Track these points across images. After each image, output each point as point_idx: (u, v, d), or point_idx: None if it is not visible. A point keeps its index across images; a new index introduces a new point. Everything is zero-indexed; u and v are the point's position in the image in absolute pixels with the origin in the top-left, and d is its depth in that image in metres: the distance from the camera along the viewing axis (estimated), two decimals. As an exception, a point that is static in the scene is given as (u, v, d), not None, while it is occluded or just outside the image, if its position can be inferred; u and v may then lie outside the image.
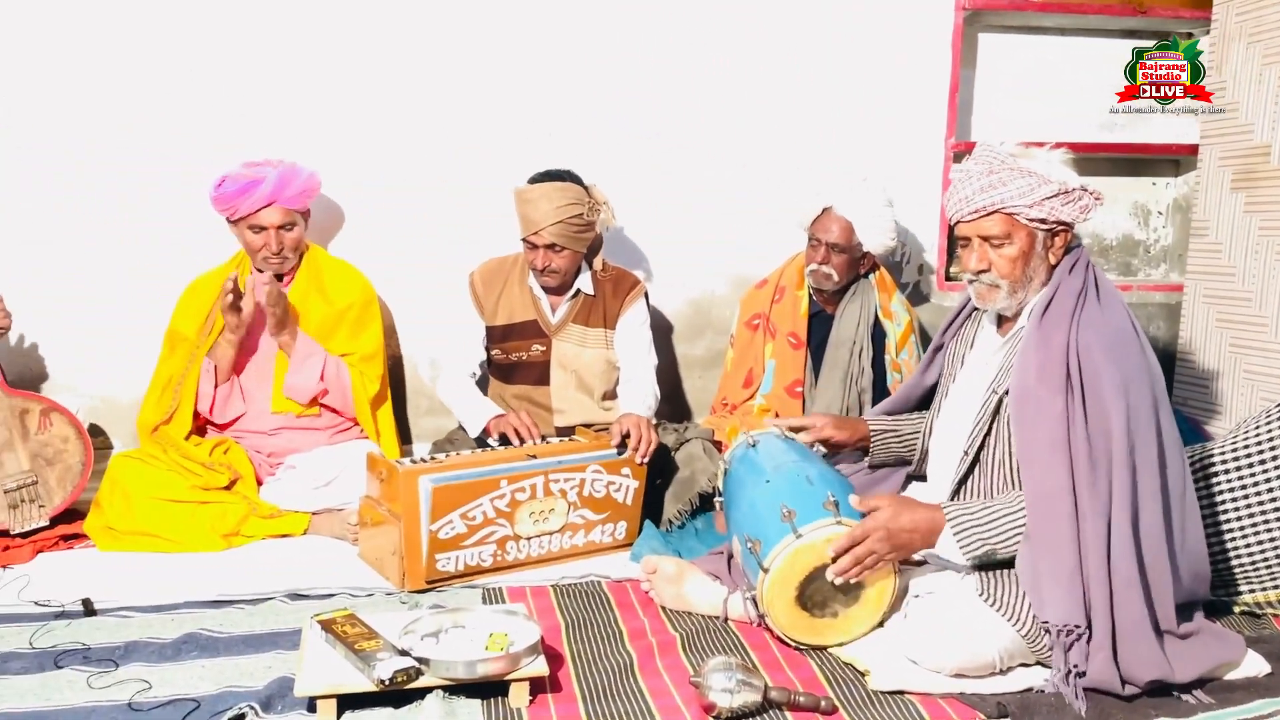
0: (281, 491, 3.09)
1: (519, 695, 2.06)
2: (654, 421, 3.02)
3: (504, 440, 3.02)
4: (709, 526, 3.02)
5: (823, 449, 2.60)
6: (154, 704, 2.05)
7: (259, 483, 3.14)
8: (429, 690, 2.04)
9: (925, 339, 3.60)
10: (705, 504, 3.04)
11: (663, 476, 3.05)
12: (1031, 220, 2.23)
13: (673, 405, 3.76)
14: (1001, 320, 2.39)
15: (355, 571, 2.78)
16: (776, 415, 3.25)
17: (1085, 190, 2.24)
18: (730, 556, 2.52)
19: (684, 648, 2.30)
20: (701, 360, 3.87)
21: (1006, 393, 2.25)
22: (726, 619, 2.44)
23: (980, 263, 2.29)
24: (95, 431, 3.46)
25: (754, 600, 2.28)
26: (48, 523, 2.94)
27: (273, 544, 2.97)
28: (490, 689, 2.07)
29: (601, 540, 2.86)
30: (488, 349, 3.32)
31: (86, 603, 2.53)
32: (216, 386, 3.18)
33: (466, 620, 2.24)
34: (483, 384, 3.38)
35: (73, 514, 3.02)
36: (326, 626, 2.17)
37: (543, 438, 2.98)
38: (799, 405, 3.30)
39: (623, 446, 2.86)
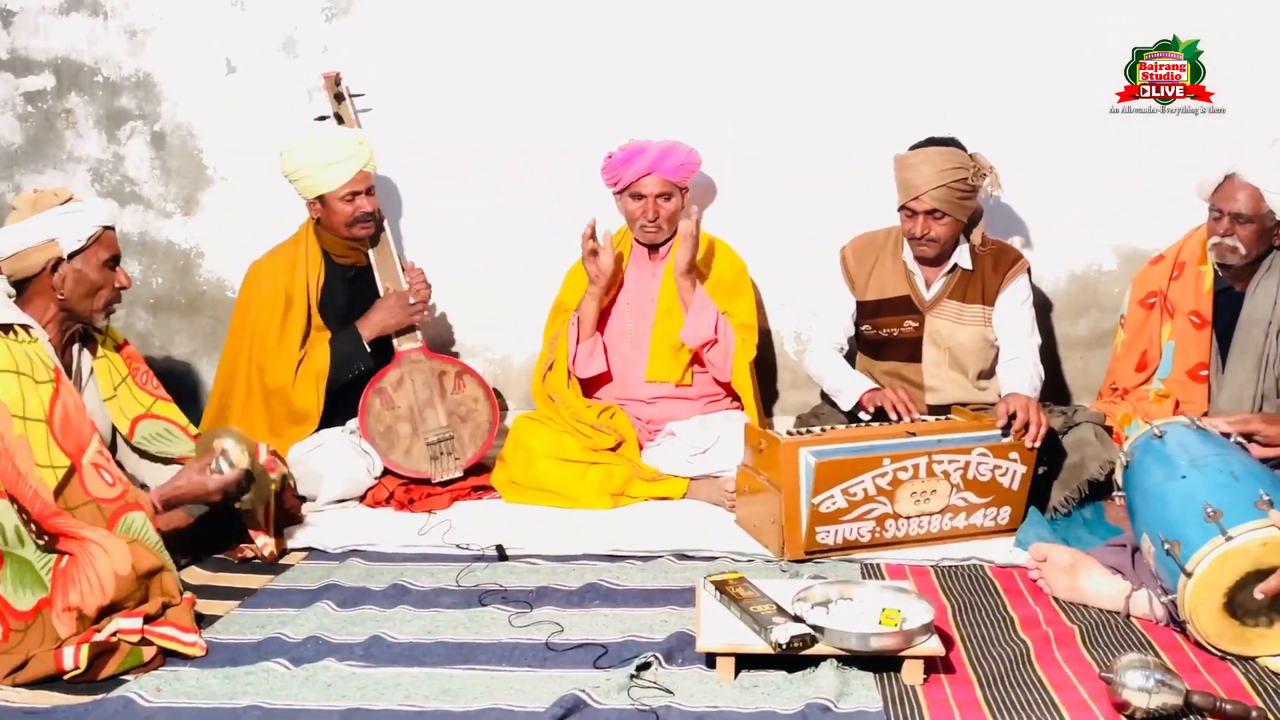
0: (661, 456, 3.24)
1: (913, 672, 2.05)
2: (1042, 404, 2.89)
3: (879, 415, 3.00)
4: (1099, 516, 2.86)
5: (1243, 443, 2.37)
6: (567, 646, 2.23)
7: (640, 447, 3.32)
8: (821, 658, 2.07)
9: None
10: (1094, 492, 2.88)
11: (1048, 461, 2.91)
12: None
13: (1052, 388, 3.56)
14: None
15: (734, 536, 2.87)
16: (1177, 404, 3.00)
17: None
18: (1134, 550, 2.37)
19: (1084, 641, 2.19)
20: (1084, 340, 3.65)
21: None
22: (1128, 615, 2.30)
23: None
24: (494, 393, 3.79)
25: (1171, 604, 2.13)
26: (461, 474, 3.26)
27: (654, 506, 3.13)
28: (881, 663, 2.08)
29: (983, 524, 2.78)
30: (857, 324, 3.31)
31: (499, 549, 2.79)
32: (578, 341, 3.35)
33: (855, 593, 2.25)
34: (849, 359, 3.37)
35: (480, 468, 3.33)
36: (720, 587, 2.26)
37: (913, 416, 2.94)
38: (1203, 390, 3.03)
39: (1007, 428, 2.76)
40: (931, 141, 3.08)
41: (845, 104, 3.59)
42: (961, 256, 3.16)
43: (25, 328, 2.37)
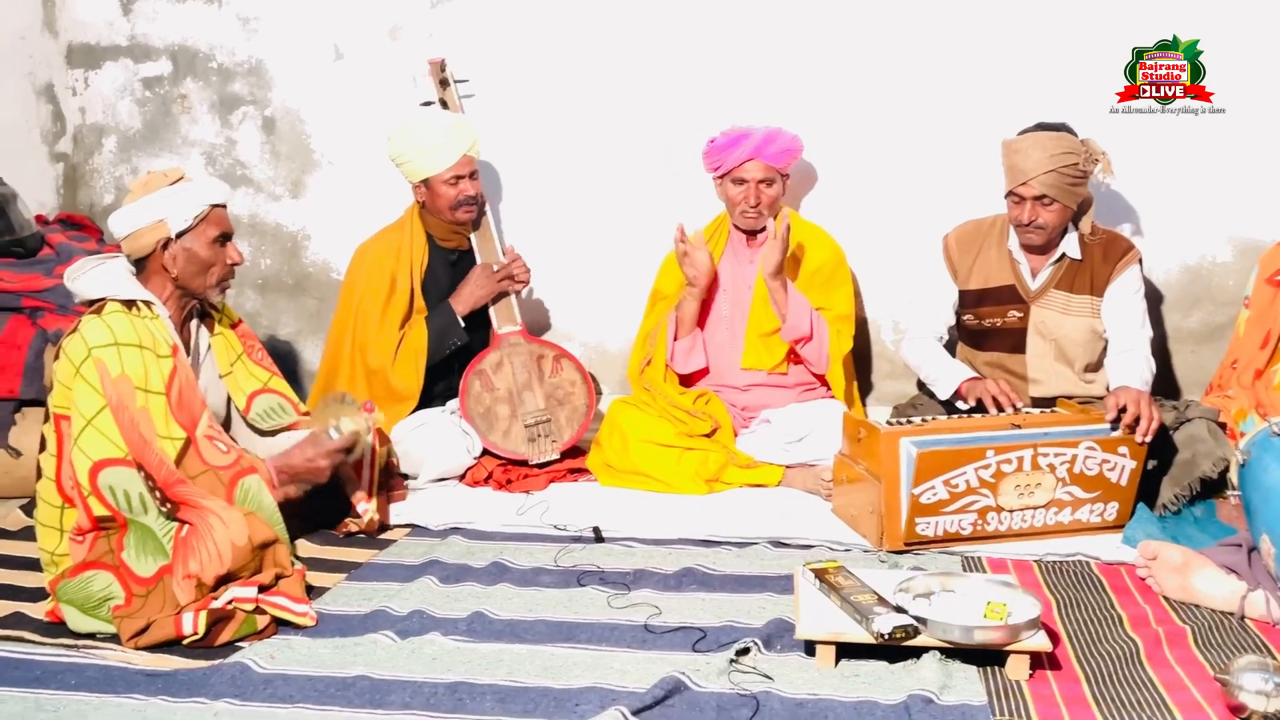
0: (756, 444, 3.23)
1: (1018, 667, 2.02)
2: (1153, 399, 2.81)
3: (978, 406, 2.95)
4: (1210, 514, 2.78)
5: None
6: (666, 628, 2.24)
7: (734, 434, 3.31)
8: (923, 650, 2.05)
9: None
10: (1206, 490, 2.79)
11: (1158, 457, 2.83)
12: None
13: (1162, 382, 3.47)
14: None
15: (830, 525, 2.86)
16: (1302, 395, 2.90)
17: None
18: (1251, 550, 2.30)
19: (1197, 642, 2.13)
20: (1195, 333, 3.54)
21: None
22: (1243, 617, 2.23)
23: None
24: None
25: (1293, 605, 2.07)
26: (558, 456, 3.29)
27: (749, 492, 3.13)
28: (985, 657, 2.05)
29: (1089, 519, 2.72)
30: (959, 314, 3.26)
31: (596, 530, 2.81)
32: (676, 339, 3.35)
33: (957, 585, 2.22)
34: (949, 349, 3.32)
35: (576, 450, 3.36)
36: (819, 575, 2.25)
37: (1015, 408, 2.88)
38: None
39: (1116, 422, 2.69)
40: (1041, 126, 3.01)
41: (944, 90, 3.54)
42: (1070, 245, 3.08)
43: (147, 304, 2.46)
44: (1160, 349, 3.50)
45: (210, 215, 2.51)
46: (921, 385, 3.36)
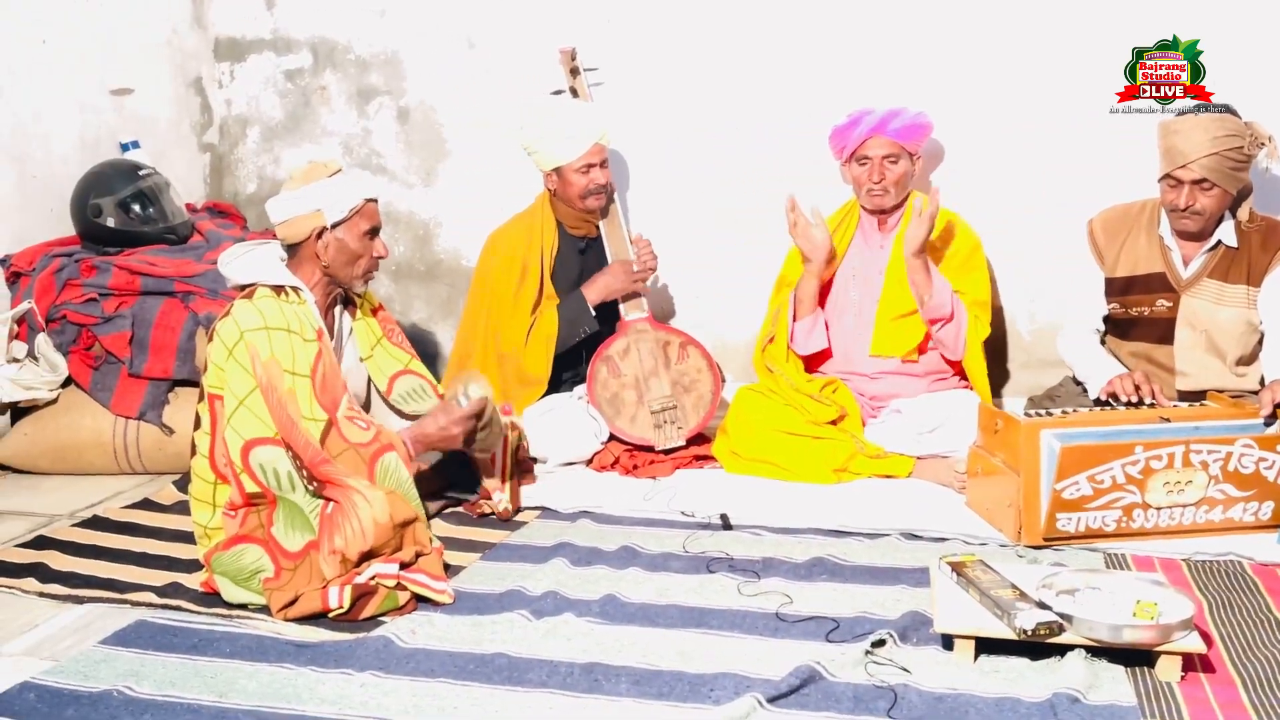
0: (886, 433, 3.18)
1: (1169, 669, 1.94)
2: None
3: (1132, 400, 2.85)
4: (1374, 517, 2.62)
5: None
6: (798, 618, 2.22)
7: (862, 424, 3.26)
8: (1067, 648, 1.99)
9: None
10: (1369, 491, 2.64)
11: (1318, 455, 2.68)
12: None
13: (1320, 377, 3.30)
14: None
15: (964, 518, 2.79)
16: None
17: None
18: None
19: (1365, 650, 2.02)
20: (1359, 326, 3.34)
21: None
22: None
23: None
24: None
25: None
26: (683, 443, 3.30)
27: (878, 483, 3.08)
28: (1132, 657, 1.98)
29: (1242, 519, 2.59)
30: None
31: (724, 518, 2.81)
32: (795, 320, 3.29)
33: (1103, 583, 2.14)
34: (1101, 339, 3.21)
35: (701, 438, 3.36)
36: (957, 569, 2.21)
37: (1154, 401, 2.77)
38: None
39: (1272, 418, 2.57)
40: (1203, 108, 2.90)
41: (1080, 68, 3.43)
42: (1226, 233, 2.95)
43: (295, 289, 2.55)
44: (1318, 342, 3.32)
45: (363, 209, 2.58)
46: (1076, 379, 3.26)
